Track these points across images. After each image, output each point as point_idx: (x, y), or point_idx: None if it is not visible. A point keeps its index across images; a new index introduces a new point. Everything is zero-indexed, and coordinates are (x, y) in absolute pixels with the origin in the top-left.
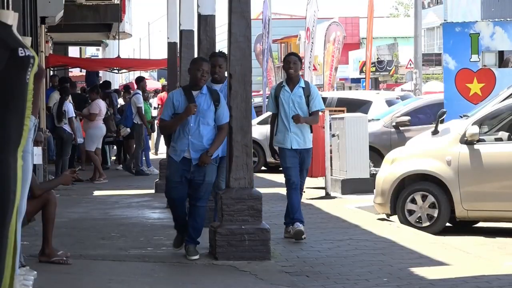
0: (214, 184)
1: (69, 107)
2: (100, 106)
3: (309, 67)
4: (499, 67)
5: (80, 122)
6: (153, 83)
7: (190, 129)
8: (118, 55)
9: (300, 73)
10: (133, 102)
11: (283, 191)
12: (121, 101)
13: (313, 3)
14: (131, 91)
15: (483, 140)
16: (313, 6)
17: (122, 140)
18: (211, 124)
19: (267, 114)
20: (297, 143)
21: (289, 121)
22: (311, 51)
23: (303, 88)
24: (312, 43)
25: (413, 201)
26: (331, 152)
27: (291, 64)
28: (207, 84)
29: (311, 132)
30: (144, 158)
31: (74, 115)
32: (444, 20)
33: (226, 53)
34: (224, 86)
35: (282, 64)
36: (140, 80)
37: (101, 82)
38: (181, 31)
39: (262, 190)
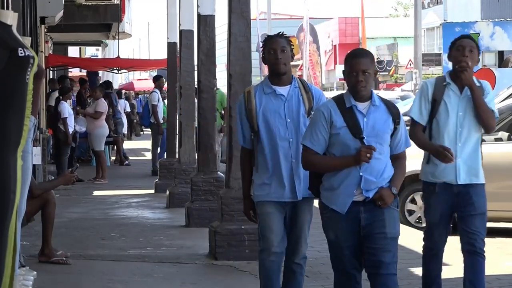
0: (292, 244)
1: (63, 107)
2: (105, 105)
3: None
4: (499, 67)
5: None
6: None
7: None
8: (118, 55)
9: (299, 73)
10: (149, 100)
11: None
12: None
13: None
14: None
15: (483, 140)
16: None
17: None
18: (387, 151)
19: None
20: (466, 174)
21: (456, 140)
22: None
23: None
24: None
25: (413, 201)
26: None
27: (466, 51)
28: (264, 85)
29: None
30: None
31: (68, 115)
32: (444, 20)
33: (226, 53)
34: (295, 89)
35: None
36: (157, 79)
37: (101, 82)
38: (181, 31)
39: None
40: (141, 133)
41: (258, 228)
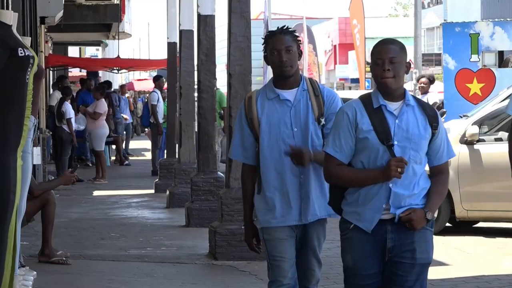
0: (301, 267)
1: (68, 107)
2: (105, 106)
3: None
4: (499, 67)
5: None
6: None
7: None
8: (118, 55)
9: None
10: (148, 100)
11: None
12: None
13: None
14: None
15: (483, 140)
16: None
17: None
18: (424, 161)
19: None
20: None
21: None
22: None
23: None
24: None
25: None
26: None
27: None
28: (267, 89)
29: None
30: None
31: (73, 116)
32: (444, 20)
33: (226, 53)
34: (303, 92)
35: None
36: (157, 79)
37: (100, 82)
38: (181, 31)
39: None
40: (142, 133)
41: (267, 257)
